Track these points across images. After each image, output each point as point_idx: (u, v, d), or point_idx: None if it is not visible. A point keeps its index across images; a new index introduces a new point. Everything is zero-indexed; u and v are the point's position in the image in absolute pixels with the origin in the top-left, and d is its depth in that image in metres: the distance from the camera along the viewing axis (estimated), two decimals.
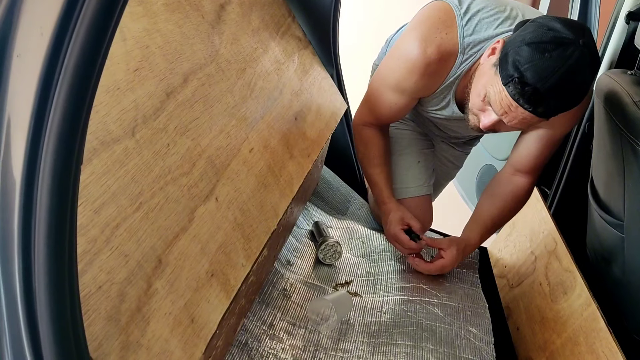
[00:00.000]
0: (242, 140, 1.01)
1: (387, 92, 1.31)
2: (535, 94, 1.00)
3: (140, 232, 0.70)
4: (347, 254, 1.46)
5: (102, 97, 0.70)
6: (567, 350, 1.12)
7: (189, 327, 0.76)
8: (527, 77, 0.99)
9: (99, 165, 0.66)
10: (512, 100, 1.04)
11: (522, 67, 1.00)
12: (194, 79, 0.92)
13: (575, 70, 0.99)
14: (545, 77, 0.98)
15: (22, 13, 0.43)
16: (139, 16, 0.83)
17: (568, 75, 0.99)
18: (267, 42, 1.25)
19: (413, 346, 1.16)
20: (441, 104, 1.33)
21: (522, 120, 1.07)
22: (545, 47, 0.99)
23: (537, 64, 0.99)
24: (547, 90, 0.99)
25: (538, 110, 1.03)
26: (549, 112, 1.04)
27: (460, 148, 1.69)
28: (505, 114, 1.08)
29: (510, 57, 1.02)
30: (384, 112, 1.36)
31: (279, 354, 1.07)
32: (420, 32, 1.21)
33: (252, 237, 0.96)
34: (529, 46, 1.00)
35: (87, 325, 0.59)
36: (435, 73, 1.22)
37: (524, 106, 1.03)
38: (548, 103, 1.01)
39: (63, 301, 0.48)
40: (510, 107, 1.06)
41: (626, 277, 1.10)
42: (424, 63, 1.20)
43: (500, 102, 1.07)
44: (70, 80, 0.43)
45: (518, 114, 1.06)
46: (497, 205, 1.39)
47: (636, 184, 1.00)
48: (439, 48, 1.18)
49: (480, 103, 1.14)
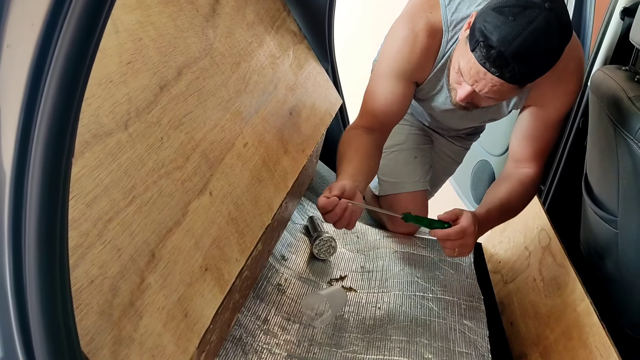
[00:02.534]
0: (236, 134, 1.01)
1: (382, 82, 1.29)
2: (500, 57, 1.00)
3: (134, 226, 0.70)
4: (341, 248, 1.46)
5: (95, 90, 0.69)
6: (560, 345, 1.12)
7: (183, 322, 0.75)
8: (492, 40, 1.00)
9: (91, 159, 0.66)
10: (480, 66, 1.04)
11: (487, 32, 1.01)
12: (188, 73, 0.91)
13: (539, 34, 0.99)
14: (509, 40, 0.99)
15: (12, 3, 0.42)
16: (132, 8, 0.82)
17: (532, 38, 0.99)
18: (262, 36, 1.24)
19: (407, 341, 1.17)
20: (436, 89, 1.32)
21: (493, 88, 1.07)
22: (510, 11, 1.00)
23: (501, 27, 0.99)
24: (512, 54, 0.99)
25: (505, 75, 1.03)
26: (516, 77, 1.03)
27: (460, 143, 1.69)
28: (476, 82, 1.08)
29: (477, 24, 1.03)
30: (380, 107, 1.30)
31: (273, 349, 1.07)
32: (408, 15, 1.25)
33: (246, 232, 0.96)
34: (494, 11, 1.01)
35: (79, 320, 0.59)
36: (426, 50, 1.22)
37: (491, 70, 1.03)
38: (514, 67, 1.01)
39: (54, 295, 0.48)
40: (479, 73, 1.06)
41: (619, 272, 1.11)
42: (413, 39, 1.22)
43: (469, 70, 1.07)
44: (61, 71, 0.42)
45: (488, 81, 1.06)
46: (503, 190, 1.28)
47: (630, 180, 1.00)
48: (425, 25, 1.21)
49: (456, 76, 1.14)
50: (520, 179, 1.28)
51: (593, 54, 1.46)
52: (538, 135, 1.28)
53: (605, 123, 1.08)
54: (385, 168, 1.59)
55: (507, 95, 1.12)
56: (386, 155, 1.60)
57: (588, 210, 1.21)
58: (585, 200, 1.22)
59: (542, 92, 1.23)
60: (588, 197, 1.20)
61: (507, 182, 1.29)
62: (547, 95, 1.20)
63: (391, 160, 1.58)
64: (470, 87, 1.11)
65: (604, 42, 1.43)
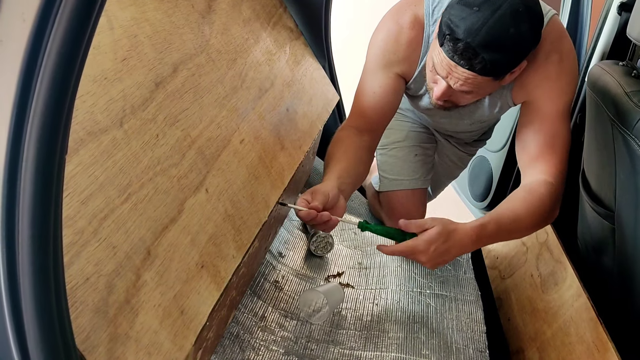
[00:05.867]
0: (232, 131, 1.00)
1: (369, 77, 1.26)
2: (468, 49, 0.99)
3: (129, 224, 0.70)
4: (339, 245, 1.46)
5: (89, 87, 0.69)
6: (557, 341, 1.12)
7: (179, 319, 0.75)
8: (458, 33, 0.99)
9: (86, 156, 0.65)
10: (450, 60, 1.03)
11: (453, 24, 1.00)
12: (184, 69, 0.91)
13: (506, 21, 0.97)
14: (474, 30, 0.98)
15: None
16: (127, 5, 0.82)
17: (498, 27, 0.97)
18: (259, 32, 1.24)
19: (405, 337, 1.17)
20: (422, 89, 1.31)
21: (467, 81, 1.05)
22: (474, 2, 0.99)
23: (466, 18, 0.98)
24: (479, 44, 0.98)
25: (475, 67, 1.01)
26: (487, 67, 1.01)
27: (464, 149, 1.67)
28: (449, 76, 1.07)
29: (444, 18, 1.02)
30: (369, 103, 1.25)
31: (270, 345, 1.07)
32: (394, 10, 1.25)
33: (242, 229, 0.95)
34: (459, 3, 1.01)
35: (74, 318, 0.58)
36: (410, 42, 1.21)
37: (460, 63, 1.02)
38: (483, 57, 1.00)
39: (48, 293, 0.47)
40: (450, 67, 1.05)
41: (617, 268, 1.11)
42: (398, 32, 1.21)
43: (441, 64, 1.06)
44: (53, 67, 0.42)
45: (460, 74, 1.04)
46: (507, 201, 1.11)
47: (627, 176, 1.00)
48: (410, 17, 1.21)
49: (431, 74, 1.13)
50: (528, 188, 1.12)
51: (590, 49, 1.46)
52: (536, 130, 1.17)
53: (603, 118, 1.08)
54: (386, 164, 1.59)
55: (484, 88, 1.09)
56: (387, 152, 1.60)
57: (585, 205, 1.21)
58: (583, 196, 1.22)
59: (525, 86, 1.18)
60: (585, 193, 1.20)
61: (515, 192, 1.13)
62: (531, 87, 1.17)
63: (391, 157, 1.58)
64: (445, 84, 1.09)
65: (601, 37, 1.42)
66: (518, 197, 1.09)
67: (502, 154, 1.86)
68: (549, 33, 1.12)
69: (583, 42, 1.58)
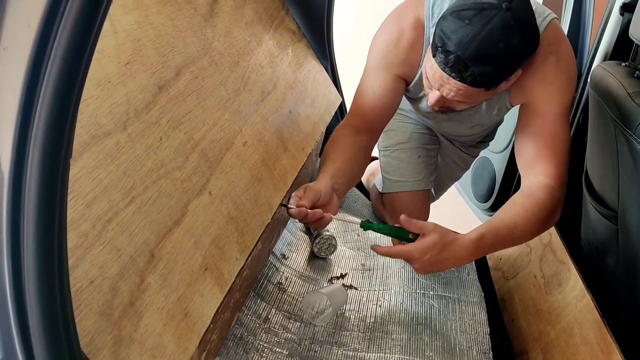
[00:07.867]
0: (235, 133, 1.01)
1: (370, 77, 1.26)
2: (458, 62, 1.00)
3: (133, 227, 0.70)
4: (342, 246, 1.46)
5: (93, 91, 0.69)
6: (561, 342, 1.12)
7: (183, 322, 0.75)
8: (449, 45, 0.99)
9: (90, 159, 0.66)
10: (442, 72, 1.04)
11: (445, 37, 1.00)
12: (187, 72, 0.91)
13: (496, 35, 0.98)
14: (465, 43, 0.98)
15: (8, 4, 0.42)
16: (130, 9, 0.82)
17: (488, 40, 0.98)
18: (261, 35, 1.24)
19: (408, 339, 1.17)
20: (422, 92, 1.31)
21: (459, 92, 1.06)
22: (466, 14, 0.99)
23: (457, 31, 0.99)
24: (470, 57, 0.99)
25: (466, 79, 1.02)
26: (477, 80, 1.02)
27: (467, 150, 1.66)
28: (442, 87, 1.07)
29: (437, 29, 1.03)
30: (368, 103, 1.25)
31: (274, 347, 1.07)
32: (396, 12, 1.25)
33: (246, 231, 0.96)
34: (452, 15, 1.01)
35: (79, 320, 0.59)
36: (411, 44, 1.22)
37: (452, 75, 1.02)
38: (473, 70, 1.00)
39: (53, 296, 0.48)
40: (442, 78, 1.05)
41: (620, 269, 1.11)
42: (399, 33, 1.21)
43: (433, 75, 1.07)
44: (58, 72, 0.42)
45: (452, 85, 1.05)
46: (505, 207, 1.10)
47: (630, 176, 1.00)
48: (411, 18, 1.21)
49: (426, 81, 1.14)
50: (527, 192, 1.10)
51: (593, 50, 1.46)
52: (534, 132, 1.16)
53: (605, 120, 1.08)
54: (389, 166, 1.59)
55: (476, 98, 1.10)
56: (390, 154, 1.60)
57: (588, 206, 1.21)
58: (586, 197, 1.22)
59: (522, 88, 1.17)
60: (588, 194, 1.20)
61: (513, 198, 1.11)
62: (528, 89, 1.17)
63: (394, 159, 1.58)
64: (439, 93, 1.10)
65: (604, 38, 1.42)
66: (516, 203, 1.08)
67: (504, 155, 1.86)
68: (547, 36, 1.12)
69: (585, 43, 1.58)
